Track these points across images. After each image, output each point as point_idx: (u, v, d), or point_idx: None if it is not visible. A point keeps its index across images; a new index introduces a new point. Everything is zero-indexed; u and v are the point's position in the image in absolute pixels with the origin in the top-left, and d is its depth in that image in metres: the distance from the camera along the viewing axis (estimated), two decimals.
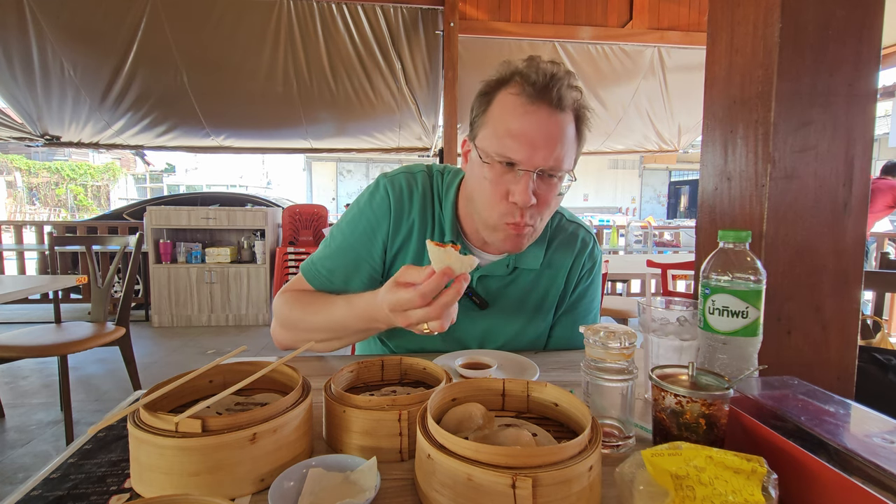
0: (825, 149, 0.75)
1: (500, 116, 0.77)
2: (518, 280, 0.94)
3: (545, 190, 0.78)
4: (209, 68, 3.96)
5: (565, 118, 0.76)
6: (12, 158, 15.49)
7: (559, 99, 0.74)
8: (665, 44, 4.18)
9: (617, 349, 0.57)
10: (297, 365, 0.86)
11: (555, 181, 0.78)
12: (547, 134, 0.75)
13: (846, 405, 0.52)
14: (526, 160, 0.74)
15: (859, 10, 0.74)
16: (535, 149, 0.74)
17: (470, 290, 0.91)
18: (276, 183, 19.61)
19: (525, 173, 0.75)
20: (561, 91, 0.74)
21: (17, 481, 1.86)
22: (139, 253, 2.40)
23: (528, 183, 0.75)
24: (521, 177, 0.75)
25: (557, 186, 0.79)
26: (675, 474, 0.40)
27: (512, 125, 0.75)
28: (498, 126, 0.77)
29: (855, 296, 0.77)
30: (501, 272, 0.92)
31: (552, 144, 0.75)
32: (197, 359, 3.40)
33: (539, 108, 0.74)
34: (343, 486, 0.48)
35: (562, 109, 0.76)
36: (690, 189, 19.65)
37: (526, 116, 0.74)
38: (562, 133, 0.76)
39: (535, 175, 0.75)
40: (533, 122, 0.74)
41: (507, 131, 0.75)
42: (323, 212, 4.82)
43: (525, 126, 0.74)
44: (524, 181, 0.75)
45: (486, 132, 0.79)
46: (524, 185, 0.75)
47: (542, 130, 0.74)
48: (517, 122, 0.75)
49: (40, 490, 0.50)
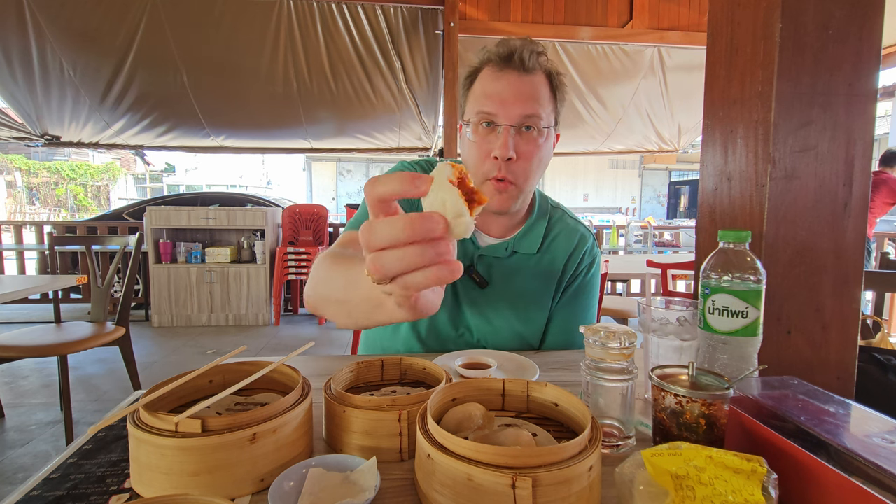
0: (825, 149, 0.75)
1: (478, 88, 0.89)
2: (517, 264, 0.98)
3: (524, 144, 0.85)
4: (209, 68, 3.96)
5: (535, 78, 0.86)
6: (12, 158, 15.49)
7: (521, 61, 0.84)
8: (665, 44, 4.18)
9: (617, 349, 0.57)
10: (297, 365, 0.86)
11: (533, 134, 0.86)
12: (517, 91, 0.84)
13: (846, 405, 0.52)
14: (501, 114, 0.84)
15: (859, 10, 0.74)
16: (507, 104, 0.84)
17: (471, 268, 0.96)
18: (276, 183, 19.62)
19: (504, 129, 0.83)
20: (523, 55, 0.84)
21: (17, 481, 1.86)
22: (139, 253, 2.40)
23: (507, 138, 0.83)
24: (501, 133, 0.84)
25: (537, 141, 0.86)
26: (675, 474, 0.40)
27: (486, 89, 0.86)
28: (476, 94, 0.88)
29: (855, 296, 0.77)
30: (500, 254, 0.96)
31: (523, 99, 0.84)
32: (197, 359, 3.40)
33: (508, 74, 0.85)
34: (343, 486, 0.48)
35: (528, 71, 0.85)
36: (690, 189, 19.65)
37: (497, 81, 0.85)
38: (533, 90, 0.85)
39: (514, 131, 0.84)
40: (503, 84, 0.85)
41: (483, 94, 0.86)
42: (323, 212, 4.82)
43: (497, 88, 0.85)
44: (503, 136, 0.83)
45: (469, 105, 0.90)
46: (503, 139, 0.83)
47: (512, 89, 0.84)
48: (490, 87, 0.86)
49: (40, 490, 0.49)
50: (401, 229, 0.38)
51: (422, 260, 0.38)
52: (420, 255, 0.38)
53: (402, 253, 0.39)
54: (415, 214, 0.39)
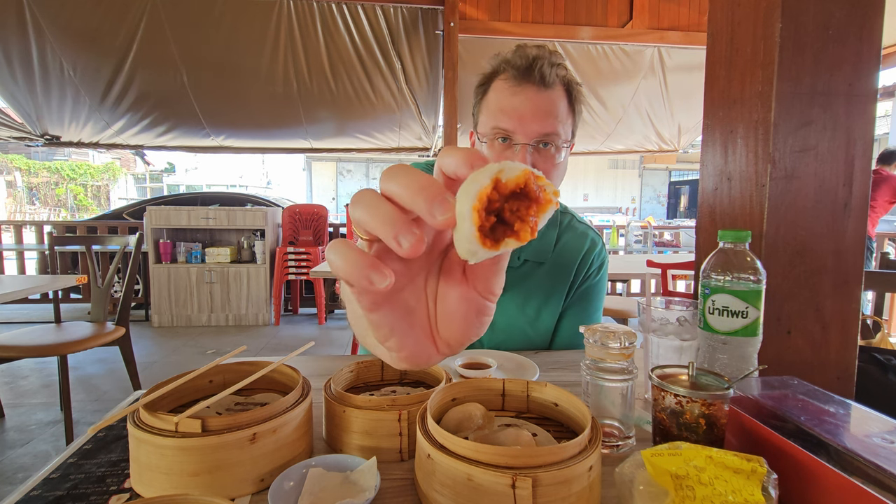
0: (825, 149, 0.75)
1: (493, 100, 0.85)
2: (528, 272, 0.97)
3: (542, 162, 0.83)
4: (209, 68, 3.95)
5: (553, 93, 0.83)
6: (12, 158, 15.49)
7: (542, 76, 0.81)
8: (665, 44, 4.17)
9: (617, 349, 0.57)
10: (297, 365, 0.86)
11: (551, 152, 0.83)
12: (535, 108, 0.81)
13: (846, 405, 0.52)
14: (519, 131, 0.81)
15: (859, 10, 0.74)
16: (525, 121, 0.81)
17: None
18: (276, 183, 19.61)
19: (521, 147, 0.81)
20: (543, 69, 0.81)
21: (17, 481, 1.86)
22: (139, 253, 2.40)
23: (525, 156, 0.80)
24: (518, 151, 0.81)
25: (555, 158, 0.84)
26: (675, 474, 0.40)
27: (503, 104, 0.83)
28: (492, 108, 0.85)
29: (855, 296, 0.77)
30: (512, 263, 0.96)
31: (541, 117, 0.81)
32: (197, 359, 3.40)
33: (526, 88, 0.82)
34: (343, 486, 0.48)
35: (547, 86, 0.82)
36: (690, 189, 19.65)
37: (514, 96, 0.82)
38: (551, 106, 0.82)
39: (531, 148, 0.81)
40: (522, 99, 0.81)
41: (499, 110, 0.83)
42: (323, 212, 4.82)
43: (515, 103, 0.82)
44: (521, 154, 0.81)
45: (483, 117, 0.87)
46: (520, 157, 0.80)
47: (530, 105, 0.81)
48: (507, 101, 0.82)
49: (40, 490, 0.49)
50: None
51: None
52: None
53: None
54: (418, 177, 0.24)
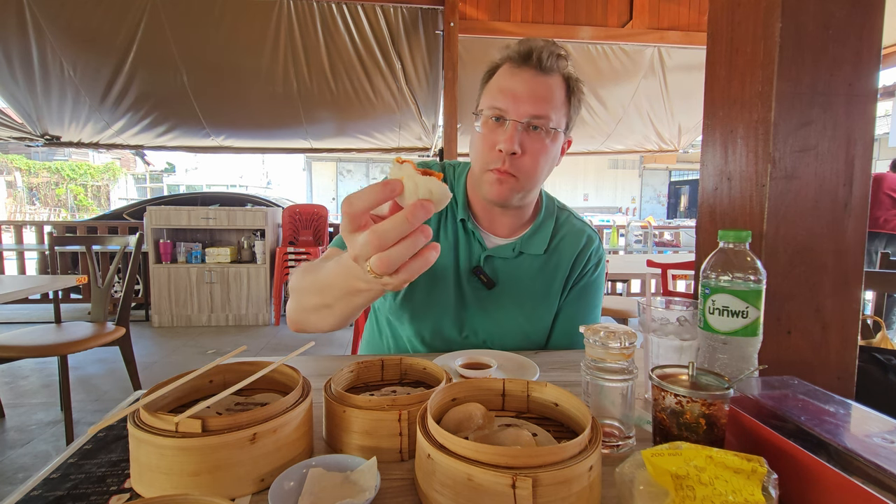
0: (825, 149, 0.75)
1: (493, 83, 0.89)
2: (523, 264, 0.98)
3: (530, 142, 0.85)
4: (209, 68, 3.95)
5: (550, 80, 0.86)
6: (12, 158, 15.49)
7: (539, 61, 0.84)
8: (665, 44, 4.17)
9: (617, 349, 0.57)
10: (297, 365, 0.86)
11: (540, 134, 0.86)
12: (531, 90, 0.84)
13: (846, 405, 0.52)
14: (511, 110, 0.84)
15: (859, 10, 0.74)
16: (518, 101, 0.84)
17: (478, 268, 0.96)
18: (276, 183, 19.61)
19: (511, 123, 0.84)
20: (542, 55, 0.84)
21: (17, 481, 1.86)
22: (139, 253, 2.40)
23: (514, 133, 0.83)
24: (508, 127, 0.84)
25: (543, 141, 0.86)
26: (675, 474, 0.40)
27: (501, 84, 0.87)
28: (492, 89, 0.89)
29: (855, 296, 0.77)
30: (507, 255, 0.97)
31: (535, 99, 0.84)
32: (197, 359, 3.40)
33: (524, 71, 0.85)
34: (343, 486, 0.48)
35: (545, 72, 0.85)
36: (690, 189, 19.65)
37: (513, 77, 0.86)
38: (546, 91, 0.85)
39: (521, 127, 0.84)
40: (518, 80, 0.85)
41: (497, 89, 0.87)
42: (323, 212, 4.82)
43: (512, 84, 0.85)
44: (510, 130, 0.84)
45: (483, 99, 0.91)
46: (509, 133, 0.84)
47: (526, 87, 0.84)
48: (505, 82, 0.86)
49: (40, 490, 0.49)
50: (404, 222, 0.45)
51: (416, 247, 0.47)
52: (414, 244, 0.46)
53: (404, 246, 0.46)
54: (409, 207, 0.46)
